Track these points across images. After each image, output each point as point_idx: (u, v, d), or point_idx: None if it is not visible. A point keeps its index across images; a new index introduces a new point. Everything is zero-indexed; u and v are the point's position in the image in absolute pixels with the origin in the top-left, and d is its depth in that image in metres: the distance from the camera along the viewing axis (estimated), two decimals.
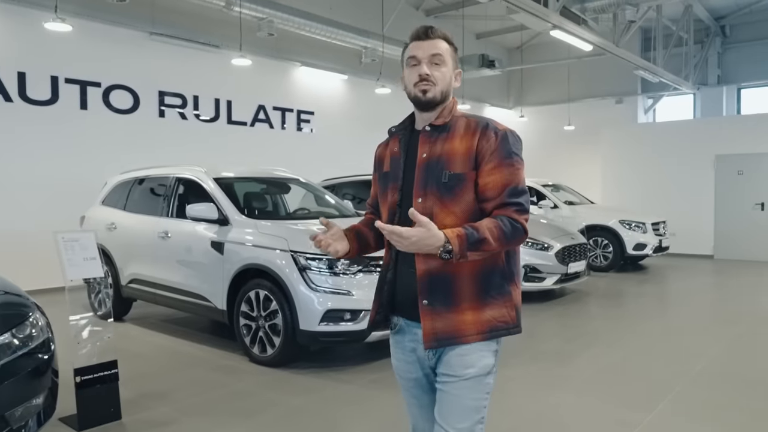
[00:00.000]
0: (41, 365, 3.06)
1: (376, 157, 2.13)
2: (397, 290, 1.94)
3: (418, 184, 1.87)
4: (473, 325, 1.83)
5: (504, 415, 3.85)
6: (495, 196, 1.81)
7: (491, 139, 1.83)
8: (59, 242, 3.59)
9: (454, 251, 1.67)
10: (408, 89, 1.92)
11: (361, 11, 11.85)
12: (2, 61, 8.00)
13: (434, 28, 1.93)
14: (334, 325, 4.54)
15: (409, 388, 2.04)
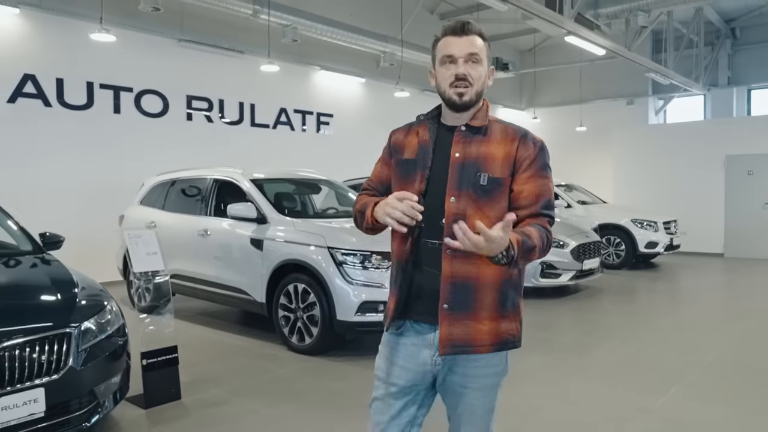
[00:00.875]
0: (118, 349, 3.44)
1: (392, 141, 2.04)
2: (412, 290, 1.88)
3: (453, 183, 1.82)
4: (488, 336, 1.82)
5: (527, 401, 4.19)
6: (529, 205, 1.82)
7: (530, 148, 1.85)
8: (126, 239, 3.96)
9: (514, 257, 1.66)
10: (442, 89, 1.87)
11: (379, 16, 12.19)
12: (42, 69, 8.41)
13: (471, 23, 1.87)
14: (369, 315, 4.90)
15: (391, 393, 1.93)
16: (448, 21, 11.02)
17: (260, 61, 9.96)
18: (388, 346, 1.96)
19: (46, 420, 2.88)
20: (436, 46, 1.90)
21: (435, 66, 1.90)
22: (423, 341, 1.88)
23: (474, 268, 1.77)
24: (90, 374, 3.15)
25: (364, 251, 5.02)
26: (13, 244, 4.18)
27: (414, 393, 1.92)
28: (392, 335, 1.94)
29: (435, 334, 1.84)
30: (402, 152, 1.97)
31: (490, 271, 1.77)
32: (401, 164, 1.95)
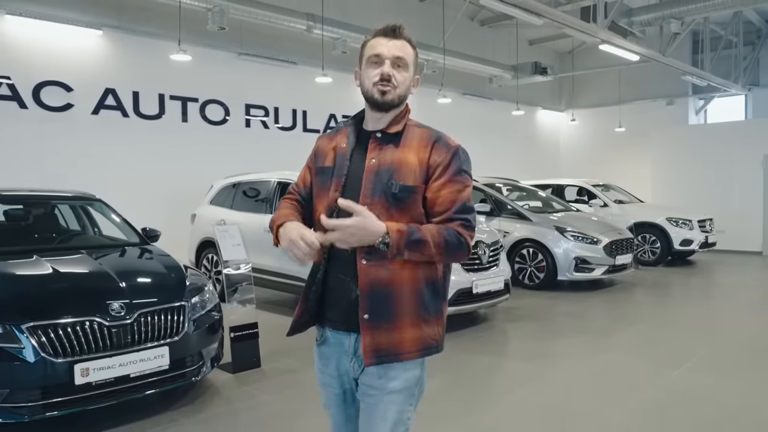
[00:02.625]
0: (215, 322, 4.24)
1: (316, 147, 2.03)
2: (327, 297, 1.87)
3: (366, 190, 1.81)
4: (413, 342, 1.80)
5: (560, 372, 4.84)
6: (443, 211, 1.79)
7: (443, 153, 1.83)
8: (217, 232, 4.77)
9: (391, 244, 1.68)
10: (365, 87, 1.86)
11: (422, 25, 12.86)
12: (121, 83, 9.40)
13: (402, 28, 1.88)
14: None
15: (332, 401, 1.98)
16: (489, 27, 11.65)
17: (312, 71, 10.76)
18: (317, 357, 2.00)
19: (170, 372, 3.68)
20: (365, 46, 1.91)
21: (361, 66, 1.90)
22: (342, 348, 1.89)
23: (390, 274, 1.76)
24: (198, 339, 3.96)
25: None
26: (123, 238, 5.04)
27: (352, 397, 1.95)
28: (318, 346, 1.97)
29: (351, 340, 1.85)
30: (323, 159, 1.96)
31: (407, 276, 1.77)
32: (319, 171, 1.95)
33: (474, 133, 15.38)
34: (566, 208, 9.88)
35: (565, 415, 3.94)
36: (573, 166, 17.59)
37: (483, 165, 13.98)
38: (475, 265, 6.00)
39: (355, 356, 1.85)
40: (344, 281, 1.81)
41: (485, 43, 14.95)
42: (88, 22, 8.96)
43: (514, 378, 4.87)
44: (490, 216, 8.82)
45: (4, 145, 8.21)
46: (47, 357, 3.23)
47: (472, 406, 4.15)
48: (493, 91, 15.21)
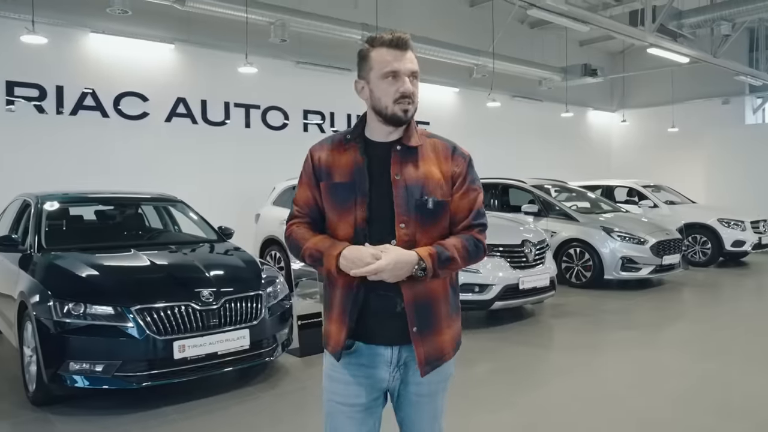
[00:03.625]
0: (286, 311, 4.78)
1: (314, 160, 1.93)
2: (364, 314, 1.86)
3: (401, 207, 1.81)
4: (450, 344, 1.92)
5: (599, 363, 5.18)
6: (463, 219, 1.88)
7: (461, 164, 1.90)
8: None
9: (427, 269, 1.74)
10: (383, 103, 1.83)
11: (472, 30, 13.21)
12: (191, 92, 10.16)
13: (410, 40, 1.87)
14: (465, 295, 6.02)
15: (352, 414, 1.91)
16: (539, 29, 11.91)
17: None
18: (340, 369, 1.92)
19: (249, 351, 4.24)
20: (368, 56, 1.86)
21: (369, 77, 1.86)
22: (380, 359, 1.89)
23: (426, 286, 1.82)
24: (272, 325, 4.50)
25: None
26: (203, 235, 5.66)
27: (375, 408, 1.95)
28: (345, 357, 1.91)
29: (393, 352, 1.88)
30: (332, 175, 1.88)
31: (439, 285, 1.86)
32: (334, 189, 1.87)
33: (524, 135, 15.62)
34: (614, 208, 10.06)
35: (598, 400, 4.29)
36: (625, 167, 17.53)
37: (533, 166, 14.25)
38: (522, 262, 6.37)
39: (398, 366, 1.90)
40: (387, 297, 1.82)
41: (535, 46, 15.16)
42: (162, 37, 9.74)
43: (556, 367, 5.23)
44: (538, 216, 9.12)
45: (90, 150, 9.06)
46: (151, 335, 3.83)
47: (515, 390, 4.55)
48: (543, 93, 15.39)
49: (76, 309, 3.83)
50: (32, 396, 4.09)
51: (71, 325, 3.81)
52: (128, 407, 4.04)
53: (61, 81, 8.90)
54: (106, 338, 3.81)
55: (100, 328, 3.82)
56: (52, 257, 4.50)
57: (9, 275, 4.69)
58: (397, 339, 1.86)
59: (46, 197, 5.32)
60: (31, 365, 4.09)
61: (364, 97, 1.88)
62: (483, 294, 6.04)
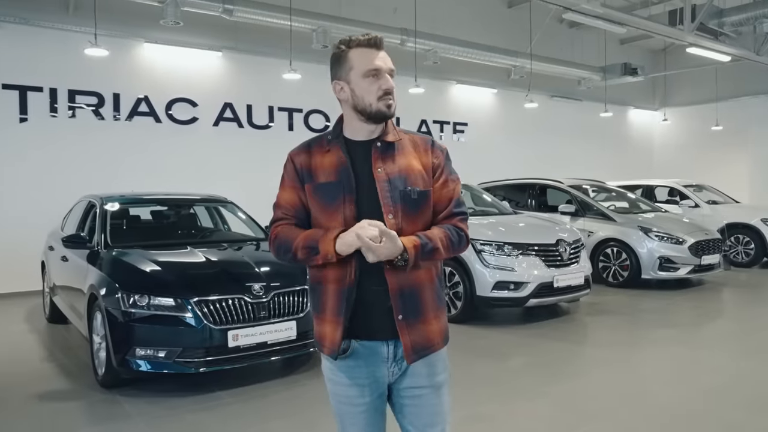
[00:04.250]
0: None
1: (296, 164, 1.97)
2: (358, 311, 1.88)
3: (387, 200, 1.86)
4: (439, 334, 1.94)
5: (632, 359, 5.33)
6: (444, 209, 1.93)
7: (439, 156, 1.96)
8: None
9: (409, 260, 1.79)
10: (366, 102, 1.87)
11: (510, 31, 13.33)
12: (237, 97, 10.61)
13: (383, 39, 1.95)
14: (501, 292, 6.23)
15: (357, 414, 1.95)
16: (578, 29, 11.94)
17: (405, 80, 11.52)
18: (338, 372, 1.95)
19: (296, 342, 4.56)
20: (345, 57, 1.91)
21: (349, 77, 1.90)
22: (377, 357, 1.92)
23: (413, 274, 1.86)
24: None
25: (499, 242, 6.36)
26: (251, 234, 6.03)
27: (380, 404, 1.99)
28: (342, 359, 1.92)
29: (390, 347, 1.91)
30: (316, 176, 1.92)
31: (425, 273, 1.90)
32: (320, 189, 1.91)
33: (563, 135, 15.62)
34: (653, 208, 10.06)
35: (631, 393, 4.45)
36: (668, 167, 17.32)
37: (572, 166, 14.26)
38: (556, 261, 6.53)
39: (395, 360, 1.92)
40: (378, 292, 1.85)
41: (574, 45, 15.14)
42: (210, 45, 10.22)
43: (590, 361, 5.39)
44: (575, 216, 9.22)
45: (143, 153, 9.59)
46: (208, 324, 4.19)
47: (549, 382, 4.74)
48: (583, 92, 15.36)
49: (141, 300, 4.22)
50: (101, 379, 4.50)
51: (137, 314, 4.20)
52: (186, 390, 4.41)
53: (118, 89, 9.45)
54: (168, 327, 4.18)
55: (162, 317, 4.19)
56: (118, 253, 4.92)
57: (78, 270, 5.13)
58: (392, 333, 1.87)
59: (108, 198, 5.76)
60: (100, 351, 4.51)
61: (343, 98, 1.92)
62: (518, 291, 6.23)
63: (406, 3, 11.19)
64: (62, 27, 8.83)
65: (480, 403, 4.25)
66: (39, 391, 4.50)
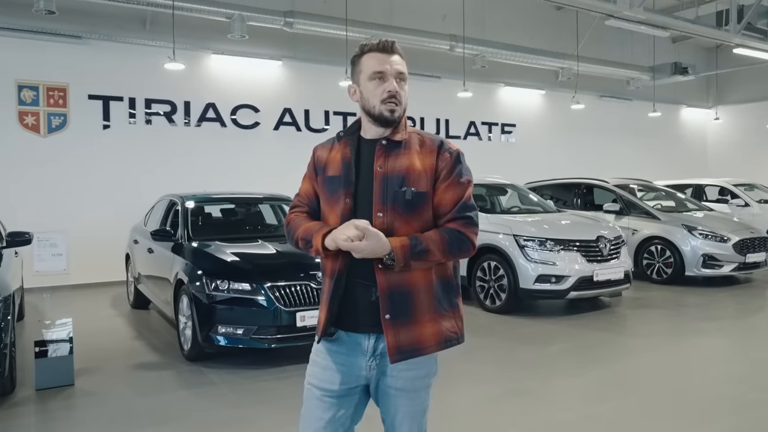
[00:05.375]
0: None
1: (315, 157, 2.08)
2: (346, 302, 1.93)
3: (378, 198, 1.88)
4: (433, 337, 1.90)
5: (663, 348, 5.69)
6: (446, 212, 1.91)
7: (447, 159, 1.94)
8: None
9: (396, 259, 1.79)
10: (371, 103, 1.92)
11: (558, 33, 13.60)
12: (295, 103, 11.32)
13: (396, 44, 1.96)
14: (543, 285, 6.65)
15: (322, 397, 1.98)
16: (619, 29, 11.99)
17: (455, 83, 12.01)
18: (322, 354, 2.01)
19: None
20: (359, 61, 1.97)
21: (359, 80, 1.97)
22: (358, 349, 1.94)
23: (405, 275, 1.86)
24: None
25: (541, 237, 6.78)
26: None
27: (347, 398, 1.99)
28: (326, 343, 1.99)
29: (370, 341, 1.93)
30: (326, 170, 2.01)
31: (420, 276, 1.89)
32: (327, 182, 2.00)
33: (613, 134, 15.73)
34: (700, 207, 10.20)
35: (663, 377, 4.83)
36: (722, 165, 17.14)
37: (622, 166, 14.40)
38: (597, 256, 6.90)
39: (374, 356, 1.94)
40: (364, 285, 1.89)
41: (624, 44, 15.21)
42: (271, 54, 10.96)
43: (624, 349, 5.76)
44: (620, 215, 9.48)
45: (211, 156, 10.40)
46: (279, 306, 4.81)
47: (584, 365, 5.16)
48: (633, 91, 15.42)
49: (222, 285, 4.88)
50: (187, 353, 5.20)
51: (219, 297, 4.86)
52: (260, 364, 5.06)
53: (188, 97, 10.29)
54: (245, 308, 4.83)
55: (240, 300, 4.85)
56: (199, 245, 5.62)
57: (164, 260, 5.86)
58: (373, 327, 1.90)
59: (187, 197, 6.49)
60: (186, 330, 5.20)
61: (355, 99, 2.00)
62: (559, 284, 6.64)
63: (455, 9, 11.65)
64: (140, 42, 9.71)
65: (519, 380, 4.74)
66: (135, 363, 5.24)
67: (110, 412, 4.13)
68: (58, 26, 8.95)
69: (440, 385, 4.11)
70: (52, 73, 9.23)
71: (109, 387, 4.63)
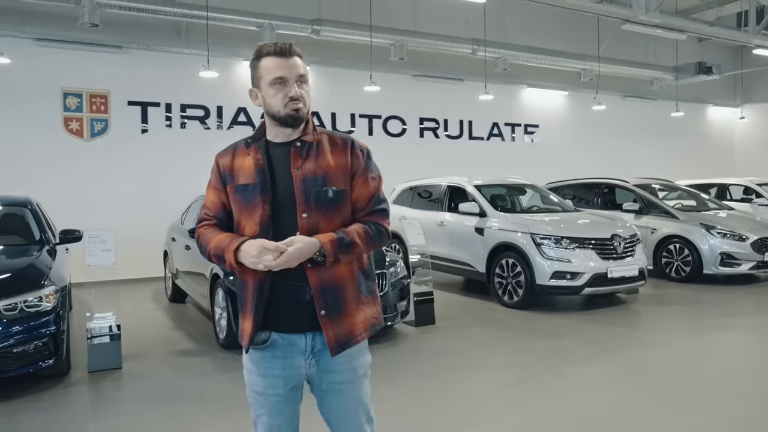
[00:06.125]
0: (405, 287, 6.00)
1: (221, 166, 2.05)
2: (274, 305, 1.95)
3: (302, 199, 1.92)
4: (361, 325, 2.00)
5: (675, 342, 5.93)
6: (364, 206, 2.01)
7: (359, 157, 2.02)
8: (404, 226, 6.54)
9: (327, 254, 1.86)
10: (274, 108, 1.94)
11: (580, 35, 13.76)
12: (322, 106, 11.71)
13: (294, 46, 1.98)
14: (559, 281, 6.92)
15: (270, 405, 2.03)
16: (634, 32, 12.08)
17: (477, 86, 12.29)
18: (257, 362, 2.02)
19: None
20: (257, 65, 1.98)
21: (260, 85, 1.98)
22: (294, 349, 1.98)
23: (333, 271, 1.94)
24: (394, 296, 5.75)
25: (557, 236, 7.06)
26: None
27: (296, 396, 2.08)
28: (260, 350, 2.00)
29: (307, 340, 1.98)
30: (236, 177, 2.00)
31: (346, 269, 1.97)
32: (239, 190, 1.98)
33: (637, 134, 15.81)
34: (720, 206, 10.31)
35: (673, 368, 5.08)
36: (749, 164, 17.04)
37: (645, 165, 14.48)
38: (612, 254, 7.14)
39: (312, 353, 1.99)
40: (296, 286, 1.92)
41: (648, 45, 15.28)
42: None
43: (636, 342, 5.98)
44: (639, 214, 9.67)
45: None
46: None
47: (595, 355, 5.44)
48: (656, 91, 15.48)
49: None
50: (222, 341, 5.63)
51: None
52: None
53: (221, 102, 10.80)
54: None
55: None
56: None
57: (201, 257, 6.29)
58: (309, 326, 1.95)
59: None
60: (221, 320, 5.63)
61: (258, 104, 2.02)
62: (574, 280, 6.91)
63: (477, 14, 11.94)
64: (175, 50, 10.24)
65: (531, 369, 5.05)
66: (175, 350, 5.70)
67: (155, 391, 4.57)
68: (101, 37, 9.52)
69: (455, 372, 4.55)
70: (95, 81, 9.81)
71: (153, 370, 5.09)
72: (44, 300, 4.47)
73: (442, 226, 8.65)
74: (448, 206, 8.79)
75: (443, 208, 8.85)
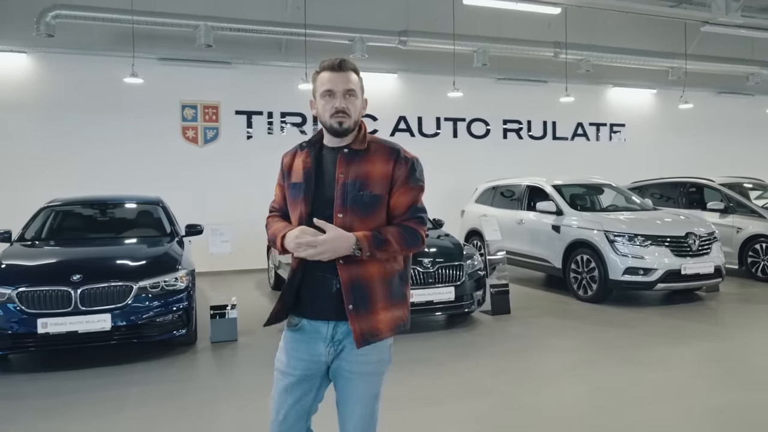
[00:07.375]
0: (480, 278, 6.58)
1: (283, 165, 2.27)
2: (305, 293, 2.13)
3: (339, 201, 2.08)
4: (386, 324, 2.10)
5: (735, 337, 6.13)
6: (402, 214, 2.14)
7: (403, 167, 2.14)
8: (482, 223, 7.12)
9: (363, 249, 2.00)
10: (323, 119, 2.12)
11: (666, 33, 13.59)
12: (409, 111, 12.44)
13: (346, 61, 2.14)
14: (632, 276, 7.24)
15: (290, 383, 2.18)
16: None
17: (560, 87, 12.52)
18: (288, 341, 2.21)
19: (454, 303, 6.14)
20: (316, 79, 2.17)
21: (315, 96, 2.17)
22: (318, 335, 2.14)
23: (364, 269, 2.07)
24: (470, 286, 6.36)
25: (630, 233, 7.37)
26: None
27: (310, 382, 2.18)
28: (291, 331, 2.20)
29: (329, 328, 2.13)
30: (291, 176, 2.22)
31: (377, 269, 2.09)
32: (290, 188, 2.21)
33: (731, 131, 15.30)
34: None
35: (736, 357, 5.35)
36: None
37: (739, 163, 14.05)
38: (686, 251, 7.35)
39: (332, 342, 2.13)
40: (325, 278, 2.08)
41: (744, 40, 14.77)
42: (388, 68, 12.16)
43: (708, 335, 6.21)
44: (724, 213, 9.65)
45: None
46: None
47: (662, 344, 5.77)
48: (753, 86, 14.92)
49: None
50: None
51: None
52: None
53: None
54: None
55: None
56: None
57: None
58: (333, 316, 2.10)
59: None
60: None
61: (314, 113, 2.20)
62: (647, 276, 7.19)
63: (560, 17, 12.18)
64: (276, 64, 11.30)
65: (598, 353, 5.50)
66: (277, 327, 6.56)
67: (262, 358, 5.43)
68: (213, 54, 10.74)
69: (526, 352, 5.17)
70: (208, 94, 11.07)
71: (261, 342, 6.00)
72: (179, 281, 5.47)
73: (522, 224, 9.10)
74: (527, 205, 9.23)
75: (523, 207, 9.31)
